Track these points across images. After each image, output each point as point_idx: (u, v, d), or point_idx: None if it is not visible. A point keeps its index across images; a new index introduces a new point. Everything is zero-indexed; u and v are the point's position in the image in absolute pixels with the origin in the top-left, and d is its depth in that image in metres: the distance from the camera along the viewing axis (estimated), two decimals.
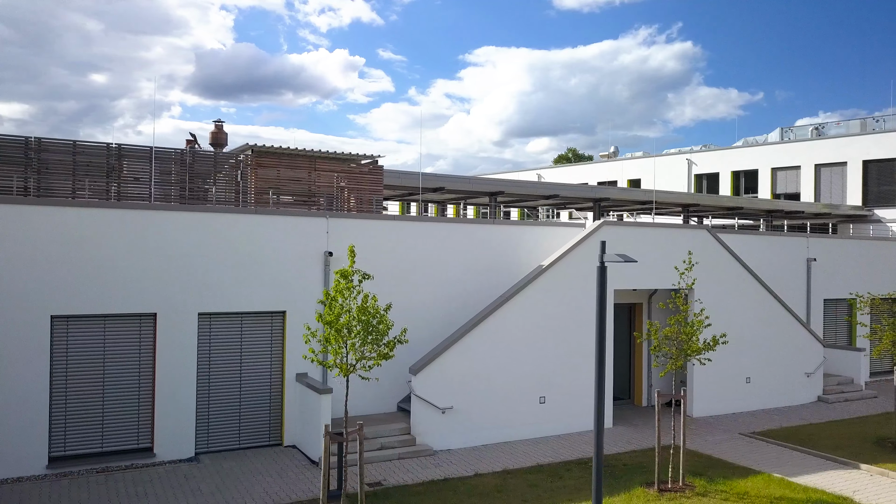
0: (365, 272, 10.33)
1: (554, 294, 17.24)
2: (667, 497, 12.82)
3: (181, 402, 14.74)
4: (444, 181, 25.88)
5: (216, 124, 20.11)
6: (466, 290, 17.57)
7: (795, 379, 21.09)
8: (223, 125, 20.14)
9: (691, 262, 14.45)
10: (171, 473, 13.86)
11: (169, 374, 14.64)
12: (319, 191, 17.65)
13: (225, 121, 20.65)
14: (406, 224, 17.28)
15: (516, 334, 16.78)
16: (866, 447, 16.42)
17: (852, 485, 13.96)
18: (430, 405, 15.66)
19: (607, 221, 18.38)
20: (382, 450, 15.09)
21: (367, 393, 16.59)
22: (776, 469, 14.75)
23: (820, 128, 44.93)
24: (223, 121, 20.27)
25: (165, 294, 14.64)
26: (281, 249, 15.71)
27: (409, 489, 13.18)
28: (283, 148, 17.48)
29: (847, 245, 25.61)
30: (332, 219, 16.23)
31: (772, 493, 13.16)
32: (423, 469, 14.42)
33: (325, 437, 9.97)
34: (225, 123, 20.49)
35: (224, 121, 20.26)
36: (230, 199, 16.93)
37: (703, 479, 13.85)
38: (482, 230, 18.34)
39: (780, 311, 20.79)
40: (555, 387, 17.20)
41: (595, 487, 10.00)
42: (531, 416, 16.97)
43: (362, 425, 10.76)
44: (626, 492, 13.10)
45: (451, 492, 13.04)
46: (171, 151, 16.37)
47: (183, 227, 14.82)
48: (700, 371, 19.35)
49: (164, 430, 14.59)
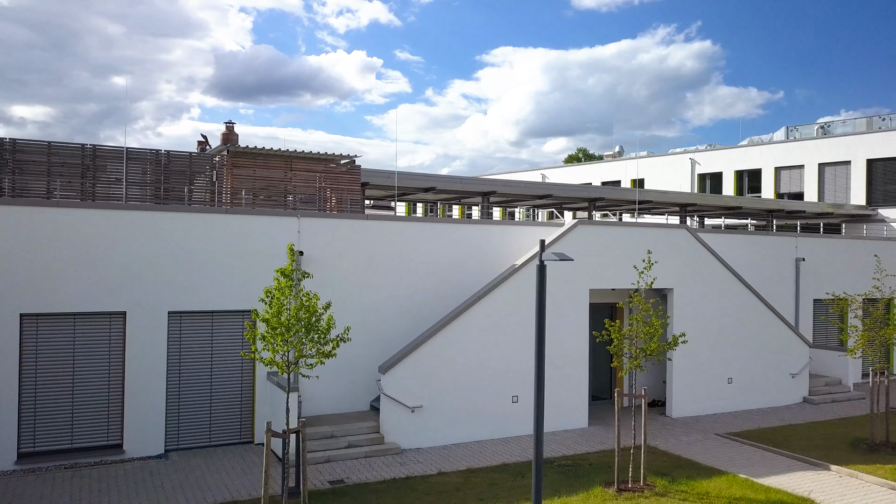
0: (305, 271, 10.41)
1: (526, 293, 17.22)
2: (625, 497, 12.79)
3: (150, 400, 14.92)
4: (436, 181, 25.91)
5: (227, 125, 20.29)
6: (441, 289, 17.62)
7: (780, 379, 20.91)
8: (234, 126, 20.32)
9: (650, 261, 14.38)
10: (139, 470, 14.04)
11: (138, 371, 14.82)
12: (296, 191, 17.78)
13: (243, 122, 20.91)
14: (378, 223, 17.36)
15: (488, 333, 16.80)
16: (842, 448, 16.25)
17: (818, 486, 13.84)
18: (399, 404, 15.73)
19: (582, 221, 18.33)
20: (350, 448, 15.18)
21: (341, 392, 16.75)
22: (744, 470, 14.66)
23: (826, 126, 44.46)
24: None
25: (135, 293, 14.82)
26: (252, 249, 15.84)
27: (369, 487, 13.25)
28: (258, 148, 17.62)
29: (838, 244, 25.35)
30: (303, 218, 16.35)
31: (732, 494, 13.08)
32: (387, 467, 14.48)
33: (266, 434, 10.05)
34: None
35: (235, 122, 20.44)
36: (206, 200, 17.10)
37: (666, 479, 13.79)
38: (457, 229, 18.39)
39: (764, 311, 20.63)
40: (528, 386, 17.17)
41: (535, 488, 10.00)
42: (504, 416, 16.98)
43: (304, 423, 10.85)
44: (584, 491, 13.08)
45: (410, 490, 13.10)
46: (145, 152, 16.58)
47: (154, 226, 15.00)
48: (680, 371, 19.28)
49: (133, 427, 14.78)
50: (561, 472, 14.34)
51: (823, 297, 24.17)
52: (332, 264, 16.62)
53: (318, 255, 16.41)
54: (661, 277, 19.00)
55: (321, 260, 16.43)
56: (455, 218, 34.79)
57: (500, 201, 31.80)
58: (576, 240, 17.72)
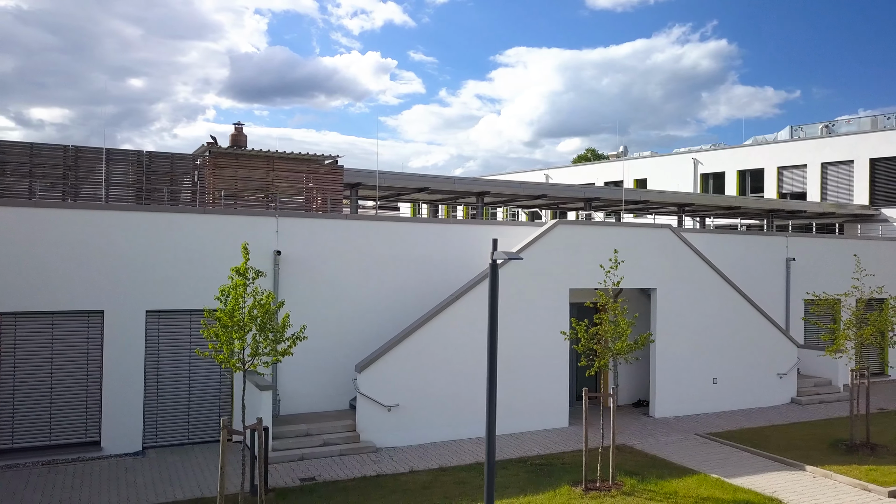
0: (258, 269, 10.52)
1: (504, 293, 17.20)
2: (591, 496, 12.81)
3: (128, 398, 15.11)
4: (428, 182, 25.99)
5: (236, 127, 20.47)
6: (422, 289, 17.70)
7: (767, 380, 20.80)
8: (243, 127, 20.50)
9: (616, 260, 14.39)
10: (114, 467, 14.23)
11: (116, 369, 15.02)
12: (277, 191, 17.93)
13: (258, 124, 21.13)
14: (358, 223, 17.48)
15: (466, 333, 16.84)
16: (820, 449, 16.16)
17: (789, 486, 13.79)
18: (375, 403, 15.82)
19: (561, 221, 18.35)
20: (325, 446, 15.29)
21: (321, 390, 16.88)
22: (718, 470, 14.62)
23: (830, 126, 44.14)
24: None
25: (113, 292, 15.02)
26: (230, 248, 15.94)
27: (338, 485, 13.35)
28: (240, 149, 17.79)
29: (831, 244, 25.17)
30: (281, 218, 16.49)
31: (700, 493, 13.07)
32: (360, 465, 14.58)
33: (222, 432, 10.17)
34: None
35: (244, 123, 20.63)
36: (188, 200, 17.29)
37: (636, 478, 13.79)
38: (439, 229, 18.49)
39: (750, 311, 20.53)
40: (505, 385, 17.17)
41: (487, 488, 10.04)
42: (482, 415, 16.96)
43: (261, 420, 10.94)
44: (551, 490, 13.11)
45: (378, 488, 13.19)
46: (126, 153, 16.79)
47: (132, 227, 15.20)
48: (663, 372, 19.24)
49: (111, 424, 14.98)
50: (532, 471, 14.37)
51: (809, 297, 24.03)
52: (311, 264, 16.75)
53: (297, 255, 16.55)
54: (644, 277, 19.03)
55: (300, 259, 16.57)
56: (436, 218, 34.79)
57: (496, 201, 31.82)
58: (555, 240, 17.75)
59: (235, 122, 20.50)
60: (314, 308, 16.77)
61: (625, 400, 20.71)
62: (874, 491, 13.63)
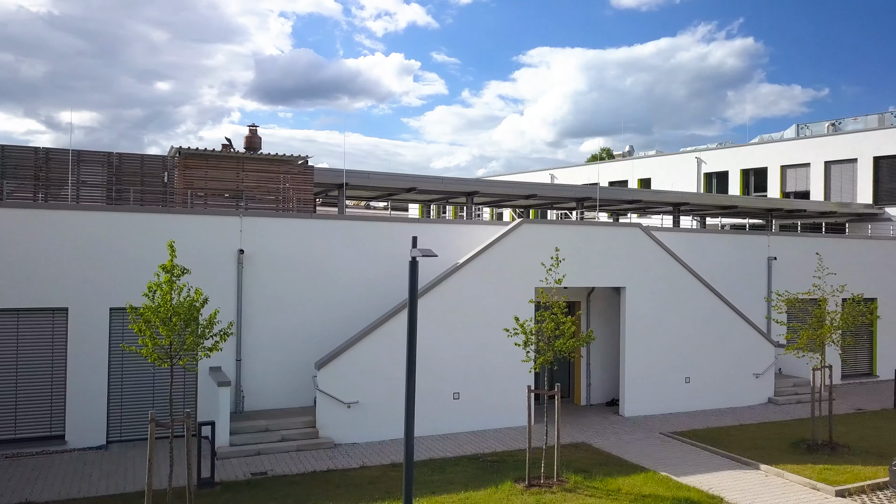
0: (184, 267, 10.77)
1: (468, 292, 17.41)
2: (532, 492, 12.90)
3: (92, 393, 15.49)
4: (416, 181, 26.13)
5: (250, 129, 20.86)
6: (386, 287, 17.85)
7: (743, 380, 20.68)
8: (257, 129, 20.90)
9: (558, 258, 14.47)
10: (76, 460, 14.61)
11: (80, 365, 15.41)
12: (248, 191, 18.24)
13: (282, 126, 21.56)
14: (324, 222, 17.72)
15: (429, 331, 16.95)
16: (782, 448, 16.09)
17: (738, 484, 13.77)
18: (334, 400, 16.04)
19: (526, 220, 18.44)
20: (283, 441, 15.54)
21: (287, 387, 17.15)
22: (671, 468, 14.62)
23: (837, 124, 43.58)
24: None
25: (77, 289, 15.42)
26: (195, 247, 16.27)
27: (286, 479, 13.59)
28: (210, 150, 18.12)
29: (814, 243, 24.90)
30: (245, 217, 16.79)
31: (642, 491, 13.10)
32: (315, 461, 14.80)
33: (150, 425, 10.45)
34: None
35: (257, 125, 21.01)
36: (158, 200, 17.66)
37: (584, 475, 13.85)
38: (405, 228, 18.65)
39: (725, 311, 20.43)
40: (470, 383, 17.36)
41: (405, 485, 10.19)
42: (445, 412, 17.18)
43: (189, 413, 11.21)
44: (494, 486, 13.22)
45: (325, 483, 13.40)
46: (98, 154, 17.20)
47: (99, 226, 15.59)
48: (632, 370, 19.24)
49: (75, 419, 15.38)
50: (483, 467, 14.50)
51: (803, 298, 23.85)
52: (276, 262, 17.03)
53: (261, 254, 16.84)
54: (613, 276, 19.05)
55: (264, 258, 16.86)
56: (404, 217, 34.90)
57: (487, 201, 31.91)
58: (519, 238, 17.84)
59: (250, 124, 20.86)
60: (279, 306, 17.07)
61: (599, 399, 20.73)
62: (822, 490, 13.57)
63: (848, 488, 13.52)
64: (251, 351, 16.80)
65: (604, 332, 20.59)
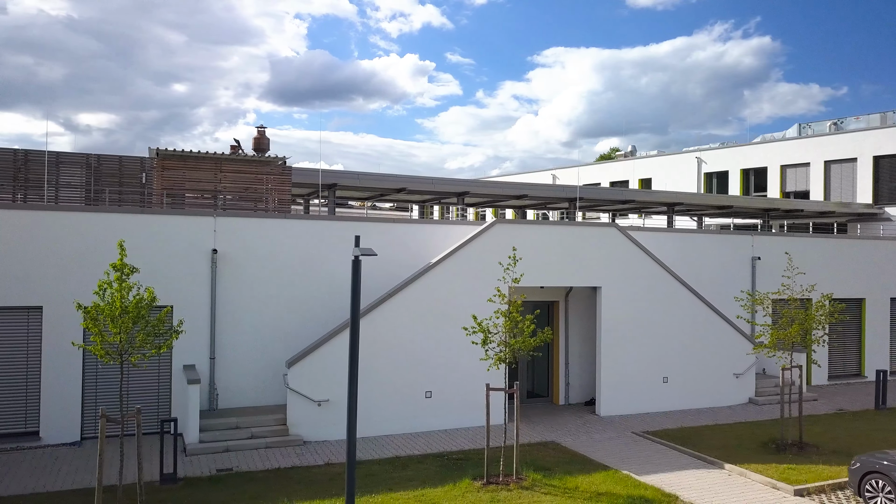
0: (133, 266, 10.98)
1: (440, 290, 17.53)
2: (488, 489, 13.00)
3: (67, 390, 15.78)
4: (406, 182, 26.29)
5: (258, 130, 21.15)
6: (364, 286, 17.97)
7: (722, 380, 20.64)
8: (265, 131, 21.17)
9: (515, 257, 14.55)
10: (48, 456, 14.90)
11: (55, 363, 15.70)
12: (225, 191, 18.48)
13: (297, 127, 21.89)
14: (299, 223, 17.92)
15: (402, 329, 17.16)
16: (750, 448, 16.07)
17: (698, 483, 13.80)
18: (304, 398, 16.23)
19: (499, 220, 18.54)
20: (252, 439, 15.76)
21: (262, 385, 17.36)
22: (635, 467, 14.66)
23: (839, 123, 43.26)
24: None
25: (52, 288, 15.70)
26: (170, 247, 16.58)
27: (249, 475, 13.79)
28: (188, 152, 18.38)
29: (800, 243, 24.79)
30: (219, 218, 17.02)
31: (598, 489, 13.15)
32: (281, 458, 14.99)
33: (100, 421, 10.68)
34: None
35: (266, 126, 21.35)
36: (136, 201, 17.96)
37: (544, 473, 13.92)
38: (381, 228, 18.77)
39: (705, 311, 20.41)
40: (442, 382, 17.48)
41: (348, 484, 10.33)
42: (417, 411, 17.31)
43: (139, 409, 11.42)
44: (452, 483, 13.33)
45: (285, 479, 13.58)
46: (77, 156, 17.51)
47: (74, 226, 15.86)
48: (608, 370, 19.27)
49: (49, 415, 15.67)
50: (446, 465, 14.62)
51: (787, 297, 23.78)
52: (250, 262, 17.25)
53: (235, 253, 17.06)
54: (589, 276, 19.10)
55: (238, 258, 17.08)
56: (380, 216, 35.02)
57: (478, 202, 32.02)
58: (492, 238, 17.92)
59: (258, 125, 21.14)
60: (253, 305, 17.29)
61: (578, 398, 20.77)
62: (782, 489, 13.58)
63: (807, 487, 13.52)
64: (225, 349, 17.02)
65: (582, 331, 20.65)
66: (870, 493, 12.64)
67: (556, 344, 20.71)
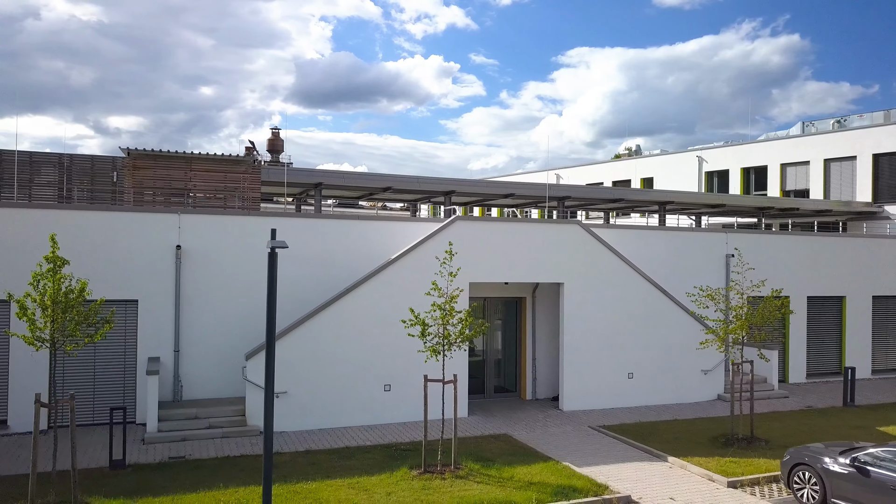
0: (64, 258, 11.48)
1: (399, 286, 17.85)
2: (423, 478, 13.32)
3: (34, 380, 16.36)
4: (391, 181, 26.73)
5: (273, 131, 21.82)
6: (324, 282, 18.44)
7: (690, 376, 20.73)
8: (279, 133, 21.86)
9: (451, 252, 14.84)
10: (13, 443, 15.55)
11: (23, 353, 16.24)
12: (196, 189, 19.02)
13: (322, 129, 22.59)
14: (263, 220, 18.37)
15: (360, 324, 17.53)
16: (699, 442, 16.21)
17: (635, 474, 14.02)
18: (262, 389, 16.65)
19: (459, 217, 18.84)
20: (210, 429, 16.25)
21: (226, 377, 17.85)
22: (578, 459, 14.88)
23: (842, 121, 42.86)
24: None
25: (19, 282, 16.28)
26: (135, 243, 17.14)
27: (198, 462, 14.27)
28: (159, 151, 18.95)
29: (778, 241, 24.76)
30: (184, 215, 17.54)
31: (532, 479, 13.38)
32: (235, 447, 15.45)
33: (35, 406, 11.19)
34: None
35: (291, 128, 22.24)
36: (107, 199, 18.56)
37: (483, 464, 14.20)
38: (344, 225, 19.18)
39: (671, 307, 20.51)
40: (400, 375, 17.81)
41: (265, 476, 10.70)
42: (376, 403, 17.68)
43: (73, 395, 11.93)
44: (390, 472, 13.68)
45: (232, 466, 14.02)
46: (50, 156, 18.16)
47: (43, 223, 16.45)
48: (571, 365, 19.46)
49: (17, 404, 16.30)
50: (391, 455, 14.96)
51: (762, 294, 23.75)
52: (214, 258, 17.75)
53: (199, 250, 17.57)
54: (551, 272, 19.32)
55: (202, 254, 17.60)
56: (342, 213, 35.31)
57: (466, 201, 32.32)
58: (453, 235, 18.21)
59: (273, 127, 21.81)
60: (216, 300, 17.79)
61: (545, 394, 20.98)
62: (717, 481, 13.75)
63: (741, 479, 13.66)
64: (189, 342, 17.54)
65: (550, 327, 20.87)
66: (797, 484, 12.76)
67: (523, 340, 20.96)
